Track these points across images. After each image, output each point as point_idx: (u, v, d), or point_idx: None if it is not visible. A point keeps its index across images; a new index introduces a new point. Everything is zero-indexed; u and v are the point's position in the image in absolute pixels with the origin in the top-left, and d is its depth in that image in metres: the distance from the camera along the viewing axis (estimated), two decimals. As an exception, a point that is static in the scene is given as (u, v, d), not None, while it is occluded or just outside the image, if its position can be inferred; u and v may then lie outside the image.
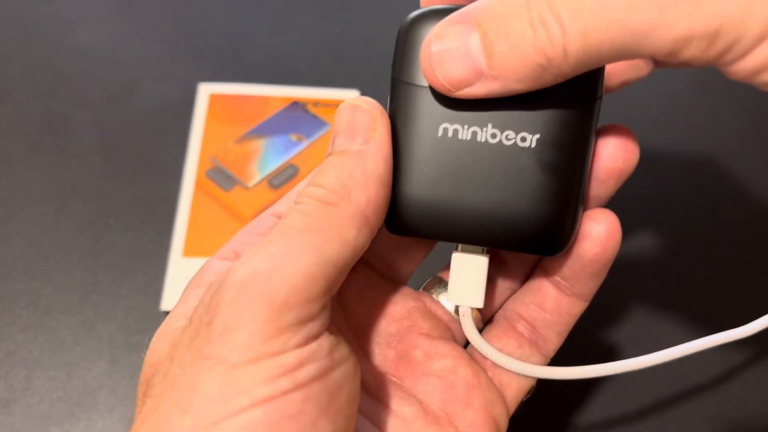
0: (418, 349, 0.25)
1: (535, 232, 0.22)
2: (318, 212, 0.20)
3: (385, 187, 0.21)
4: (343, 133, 0.22)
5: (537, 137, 0.21)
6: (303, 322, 0.19)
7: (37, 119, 0.43)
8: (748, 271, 0.38)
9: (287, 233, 0.19)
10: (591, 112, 0.22)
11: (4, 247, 0.38)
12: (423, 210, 0.22)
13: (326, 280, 0.19)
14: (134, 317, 0.37)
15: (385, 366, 0.25)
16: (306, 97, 0.40)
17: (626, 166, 0.23)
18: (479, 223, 0.22)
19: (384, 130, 0.21)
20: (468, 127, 0.21)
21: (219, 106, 0.40)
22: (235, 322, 0.18)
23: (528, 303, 0.26)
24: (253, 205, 0.37)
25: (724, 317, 0.36)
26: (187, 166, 0.38)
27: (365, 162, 0.21)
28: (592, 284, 0.24)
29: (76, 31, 0.46)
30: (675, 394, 0.35)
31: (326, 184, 0.21)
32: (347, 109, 0.22)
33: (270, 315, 0.18)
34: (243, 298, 0.18)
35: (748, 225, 0.40)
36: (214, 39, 0.46)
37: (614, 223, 0.23)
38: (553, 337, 0.26)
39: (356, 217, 0.20)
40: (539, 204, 0.22)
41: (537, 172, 0.22)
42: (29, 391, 0.34)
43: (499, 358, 0.25)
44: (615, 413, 0.34)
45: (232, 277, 0.19)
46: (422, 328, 0.25)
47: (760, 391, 0.35)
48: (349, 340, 0.24)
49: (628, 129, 0.23)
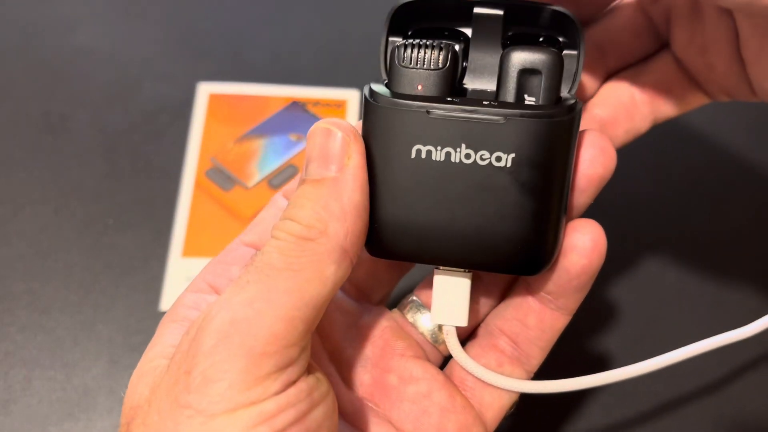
0: (393, 373, 0.25)
1: (516, 253, 0.22)
2: (296, 250, 0.20)
3: (363, 217, 0.21)
4: (317, 159, 0.21)
5: (512, 156, 0.21)
6: (281, 368, 0.19)
7: (37, 119, 0.43)
8: (740, 274, 0.38)
9: (265, 273, 0.19)
10: (568, 126, 0.21)
11: (3, 247, 0.38)
12: (403, 233, 0.22)
13: (305, 322, 0.19)
14: (134, 317, 0.36)
15: (361, 391, 0.25)
16: (306, 97, 0.40)
17: (605, 172, 0.23)
18: (459, 246, 0.22)
19: (358, 157, 0.21)
20: (441, 148, 0.21)
21: (219, 105, 0.39)
22: (213, 372, 0.18)
23: (510, 318, 0.25)
24: (252, 205, 0.37)
25: (718, 319, 0.36)
26: (187, 166, 0.38)
27: (341, 192, 0.20)
28: (577, 297, 0.24)
29: (75, 31, 0.46)
30: (675, 395, 0.35)
31: (302, 218, 0.20)
32: (319, 132, 0.21)
33: (248, 365, 0.18)
34: (221, 348, 0.18)
35: (743, 226, 0.40)
36: (214, 39, 0.46)
37: (599, 234, 0.23)
38: (536, 353, 0.25)
39: (335, 252, 0.20)
40: (518, 224, 0.21)
41: (514, 192, 0.21)
42: (28, 392, 0.34)
43: (487, 376, 0.24)
44: (615, 413, 0.34)
45: (211, 324, 0.19)
46: (396, 348, 0.25)
47: (761, 392, 0.35)
48: (326, 363, 0.24)
49: (603, 134, 0.23)
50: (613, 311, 0.37)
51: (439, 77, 0.21)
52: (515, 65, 0.21)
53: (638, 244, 0.39)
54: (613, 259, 0.23)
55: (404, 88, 0.22)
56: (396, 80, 0.22)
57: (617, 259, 0.24)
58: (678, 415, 0.34)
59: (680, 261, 0.38)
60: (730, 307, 0.37)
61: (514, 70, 0.21)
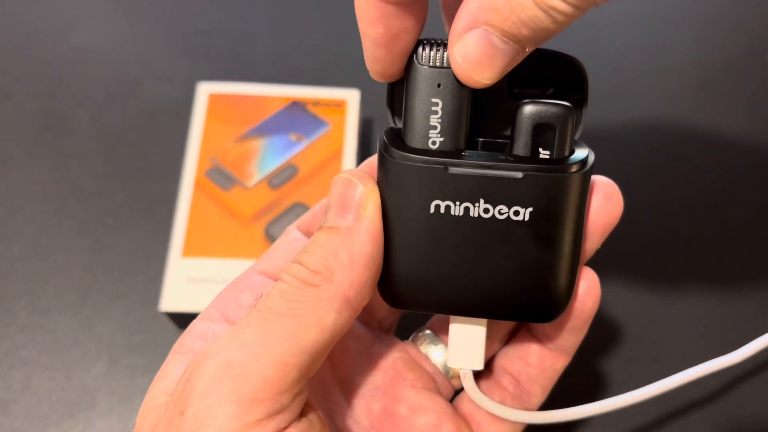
0: (403, 403, 0.25)
1: (533, 303, 0.22)
2: (298, 295, 0.20)
3: (371, 268, 0.21)
4: (335, 207, 0.21)
5: (530, 210, 0.21)
6: (272, 415, 0.19)
7: (37, 119, 0.43)
8: (736, 291, 0.38)
9: (265, 317, 0.20)
10: (583, 180, 0.22)
11: (3, 247, 0.38)
12: (420, 285, 0.22)
13: (300, 369, 0.19)
14: (133, 317, 0.36)
15: (370, 420, 0.25)
16: (306, 97, 0.40)
17: (612, 220, 0.24)
18: (476, 297, 0.22)
19: (374, 209, 0.21)
20: (460, 203, 0.21)
21: (218, 105, 0.39)
22: (204, 417, 0.18)
23: (513, 358, 0.26)
24: (252, 205, 0.37)
25: (714, 341, 0.36)
26: (187, 166, 0.38)
27: (352, 242, 0.21)
28: (574, 339, 0.25)
29: (75, 31, 0.46)
30: (678, 405, 0.35)
31: (310, 263, 0.20)
32: (341, 182, 0.22)
33: (238, 411, 0.18)
34: (213, 392, 0.18)
35: (742, 231, 0.40)
36: (214, 39, 0.46)
37: (594, 281, 0.24)
38: (537, 391, 0.26)
39: (337, 300, 0.20)
40: (536, 276, 0.22)
41: (532, 245, 0.21)
42: (28, 392, 0.34)
43: (502, 411, 0.25)
44: (614, 413, 0.34)
45: (206, 367, 0.19)
46: (407, 379, 0.25)
47: (760, 391, 0.35)
48: (335, 391, 0.25)
49: (612, 182, 0.24)
50: (614, 331, 0.37)
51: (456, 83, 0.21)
52: (529, 120, 0.21)
53: (620, 272, 0.39)
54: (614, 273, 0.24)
55: (421, 89, 0.21)
56: (414, 79, 0.21)
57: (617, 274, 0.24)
58: (678, 413, 0.34)
59: (679, 272, 0.38)
60: (728, 326, 0.37)
61: (528, 124, 0.21)
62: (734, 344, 0.31)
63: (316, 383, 0.24)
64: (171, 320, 0.36)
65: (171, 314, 0.35)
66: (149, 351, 0.36)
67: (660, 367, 0.29)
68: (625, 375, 0.35)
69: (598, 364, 0.35)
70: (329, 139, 0.39)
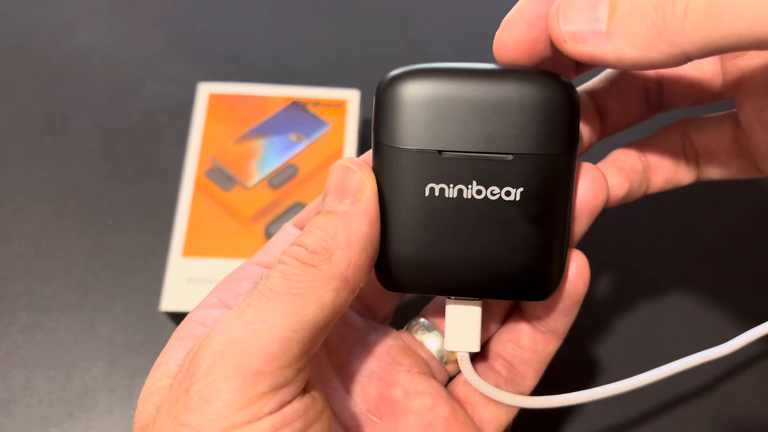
0: (398, 387, 0.25)
1: (527, 280, 0.23)
2: (298, 274, 0.21)
3: (368, 250, 0.22)
4: (333, 192, 0.22)
5: (521, 191, 0.22)
6: (276, 389, 0.19)
7: (37, 119, 0.43)
8: (731, 286, 0.38)
9: (265, 296, 0.20)
10: (570, 161, 0.22)
11: (3, 247, 0.38)
12: (416, 267, 0.23)
13: (302, 345, 0.20)
14: (134, 317, 0.36)
15: (366, 404, 0.25)
16: (306, 97, 0.40)
17: (598, 202, 0.24)
18: (472, 276, 0.23)
19: (371, 193, 0.22)
20: (453, 185, 0.22)
21: (219, 105, 0.39)
22: (209, 392, 0.19)
23: (506, 341, 0.27)
24: (252, 205, 0.37)
25: (707, 332, 0.36)
26: (187, 166, 0.38)
27: (350, 224, 0.21)
28: (565, 321, 0.26)
29: (75, 31, 0.46)
30: (674, 394, 0.35)
31: (309, 244, 0.21)
32: (339, 169, 0.23)
33: (243, 385, 0.19)
34: (218, 368, 0.19)
35: (740, 234, 0.40)
36: (214, 39, 0.46)
37: (583, 263, 0.24)
38: (530, 374, 0.27)
39: (336, 279, 0.21)
40: (529, 254, 0.23)
41: (524, 224, 0.22)
42: (28, 392, 0.34)
43: (498, 395, 0.26)
44: (614, 413, 0.34)
45: (210, 344, 0.19)
46: (403, 365, 0.26)
47: (760, 391, 0.35)
48: (331, 377, 0.25)
49: (597, 167, 0.25)
50: (608, 321, 0.37)
51: None
52: None
53: (616, 265, 0.39)
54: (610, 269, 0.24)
55: None
56: None
57: (614, 270, 0.24)
58: (678, 413, 0.34)
59: (676, 272, 0.39)
60: (722, 318, 0.37)
61: None
62: (729, 336, 0.31)
63: (313, 370, 0.25)
64: (171, 320, 0.36)
65: (171, 314, 0.35)
66: (149, 351, 0.36)
67: (655, 356, 0.29)
68: (618, 364, 0.35)
69: (593, 352, 0.35)
70: (329, 139, 0.39)
